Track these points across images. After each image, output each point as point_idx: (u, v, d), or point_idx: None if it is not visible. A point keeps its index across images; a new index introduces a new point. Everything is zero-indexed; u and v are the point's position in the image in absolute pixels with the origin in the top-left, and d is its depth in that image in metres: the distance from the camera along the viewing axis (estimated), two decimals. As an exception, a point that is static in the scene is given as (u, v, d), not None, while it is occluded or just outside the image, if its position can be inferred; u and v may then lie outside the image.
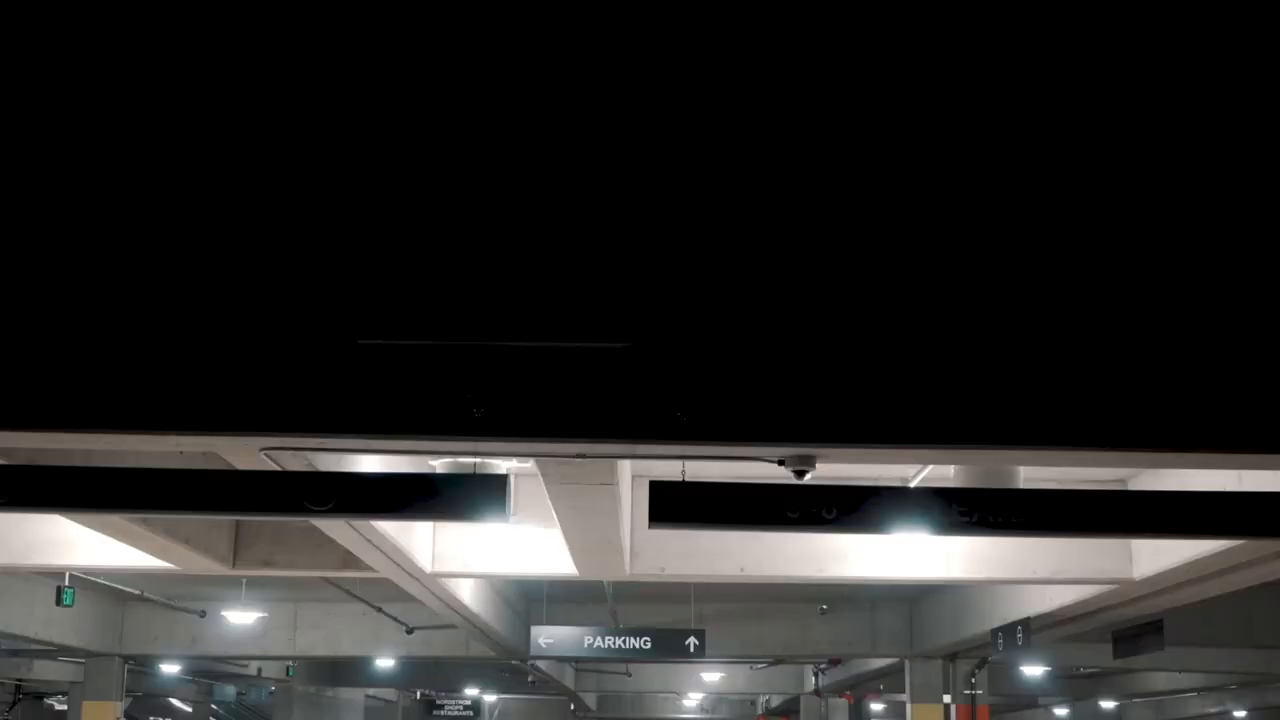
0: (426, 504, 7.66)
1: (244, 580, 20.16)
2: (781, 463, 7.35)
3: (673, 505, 7.53)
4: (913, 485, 9.68)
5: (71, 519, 10.86)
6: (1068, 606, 15.84)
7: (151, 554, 12.29)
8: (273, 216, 6.74)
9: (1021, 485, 9.03)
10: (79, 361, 6.71)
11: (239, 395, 6.75)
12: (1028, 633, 16.64)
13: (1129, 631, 17.10)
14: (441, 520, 9.58)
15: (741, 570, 13.28)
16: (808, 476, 7.45)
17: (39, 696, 42.92)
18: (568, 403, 6.74)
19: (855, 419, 6.77)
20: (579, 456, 7.64)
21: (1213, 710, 41.43)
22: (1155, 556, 12.53)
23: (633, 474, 11.51)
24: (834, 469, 7.65)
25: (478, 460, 8.52)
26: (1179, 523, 7.79)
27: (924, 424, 6.76)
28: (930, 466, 9.49)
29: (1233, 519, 7.74)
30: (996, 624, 17.90)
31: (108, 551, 12.90)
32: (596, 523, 10.68)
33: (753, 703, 47.60)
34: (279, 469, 7.95)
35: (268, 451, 7.54)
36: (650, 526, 7.65)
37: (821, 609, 23.06)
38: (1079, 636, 20.09)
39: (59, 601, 16.40)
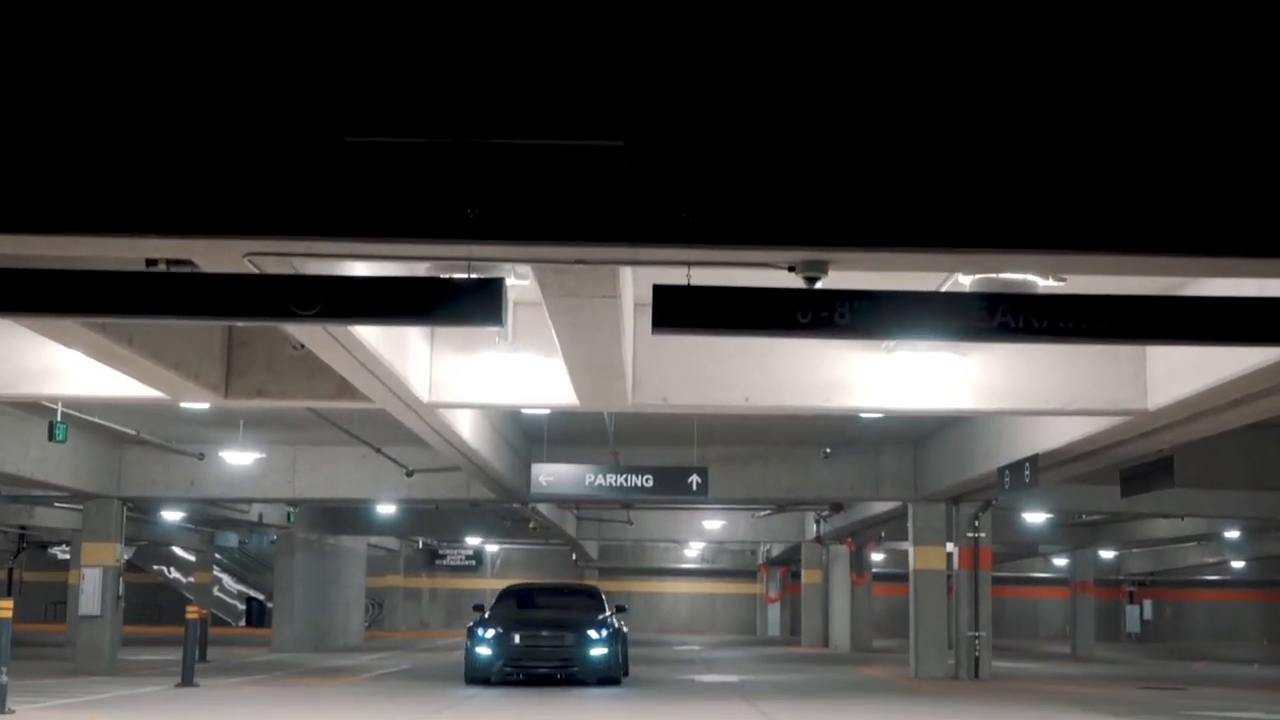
0: (419, 307, 7.29)
1: (241, 421, 20.01)
2: (792, 269, 7.06)
3: (677, 309, 7.20)
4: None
5: (53, 336, 10.54)
6: (1076, 442, 15.58)
7: (139, 379, 12.01)
8: (258, 7, 6.43)
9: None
10: (51, 161, 6.46)
11: (221, 196, 6.56)
12: (1035, 470, 16.38)
13: (1138, 469, 16.83)
14: (435, 324, 9.27)
15: (746, 400, 12.96)
16: (819, 284, 7.17)
17: (43, 546, 43.38)
18: (566, 204, 6.53)
19: (872, 220, 6.53)
20: (578, 262, 7.33)
21: (1211, 560, 41.74)
22: (1170, 385, 12.24)
23: (635, 302, 11.19)
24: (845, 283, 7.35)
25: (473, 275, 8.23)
26: (1232, 328, 7.45)
27: (947, 227, 6.50)
28: (951, 280, 9.13)
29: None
30: (1003, 463, 17.67)
31: (97, 380, 12.72)
32: (598, 343, 10.39)
33: (753, 552, 47.99)
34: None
35: (251, 257, 7.22)
36: (654, 333, 7.34)
37: (825, 452, 22.91)
38: (1086, 477, 19.93)
39: (51, 436, 16.18)
